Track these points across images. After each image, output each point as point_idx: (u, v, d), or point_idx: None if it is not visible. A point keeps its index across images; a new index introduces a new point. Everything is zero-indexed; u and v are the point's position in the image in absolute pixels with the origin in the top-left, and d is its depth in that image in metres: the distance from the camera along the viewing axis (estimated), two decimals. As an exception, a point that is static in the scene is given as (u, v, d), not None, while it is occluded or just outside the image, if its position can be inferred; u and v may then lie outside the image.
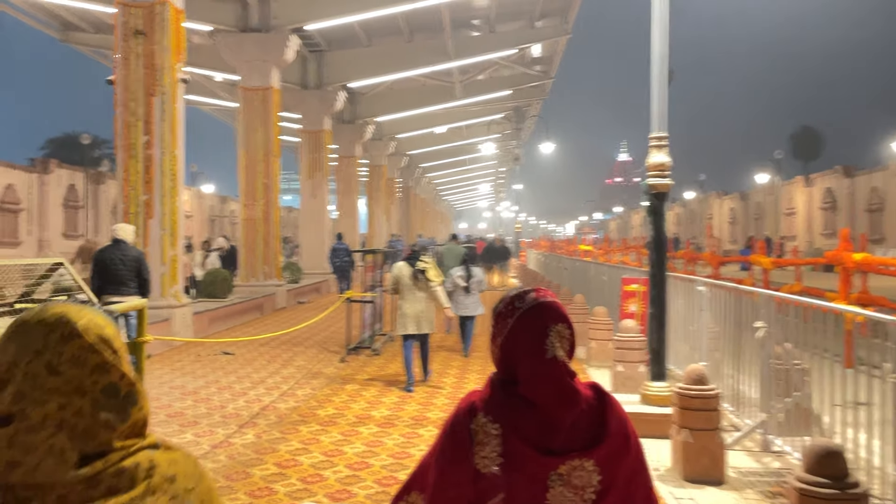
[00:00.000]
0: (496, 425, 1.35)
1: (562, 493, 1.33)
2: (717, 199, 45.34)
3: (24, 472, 0.93)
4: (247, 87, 15.57)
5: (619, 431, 1.38)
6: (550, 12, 20.36)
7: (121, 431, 0.98)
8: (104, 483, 0.95)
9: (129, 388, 1.01)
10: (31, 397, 0.94)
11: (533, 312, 1.40)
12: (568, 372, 1.37)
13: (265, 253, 15.58)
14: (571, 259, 17.54)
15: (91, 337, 0.99)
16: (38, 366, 0.95)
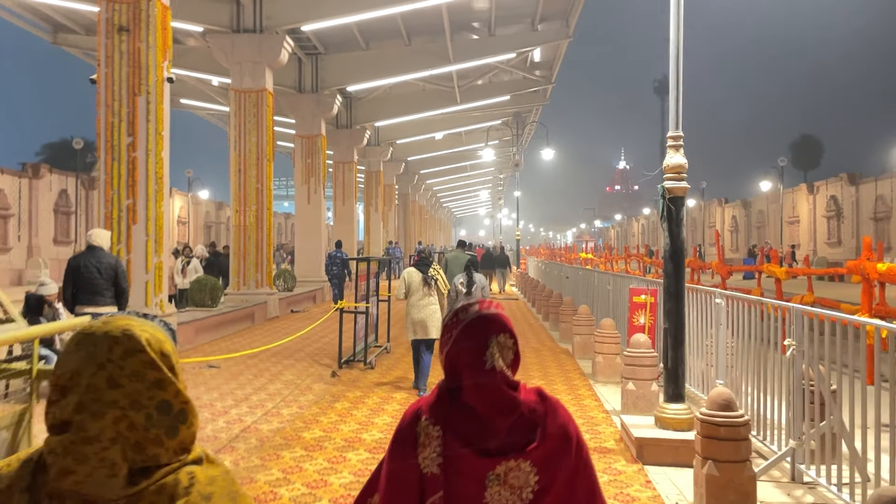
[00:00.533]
0: (437, 428, 1.43)
1: (499, 492, 1.40)
2: (719, 207, 44.91)
3: (74, 481, 0.96)
4: (239, 89, 15.09)
5: (558, 434, 1.45)
6: (552, 15, 19.94)
7: (168, 447, 1.02)
8: (146, 500, 0.98)
9: (182, 406, 1.04)
10: (90, 409, 0.97)
11: (475, 324, 1.47)
12: (506, 381, 1.44)
13: (257, 260, 15.08)
14: (573, 267, 17.03)
15: (153, 352, 1.02)
16: (101, 378, 0.98)
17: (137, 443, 0.99)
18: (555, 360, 10.15)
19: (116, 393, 0.98)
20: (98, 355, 0.99)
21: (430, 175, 46.82)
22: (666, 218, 5.73)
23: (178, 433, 1.02)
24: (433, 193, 59.48)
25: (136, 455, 0.99)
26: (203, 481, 1.03)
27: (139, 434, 0.99)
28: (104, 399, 0.98)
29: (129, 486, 0.97)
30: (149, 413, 1.00)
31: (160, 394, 1.01)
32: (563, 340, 12.15)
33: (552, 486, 1.43)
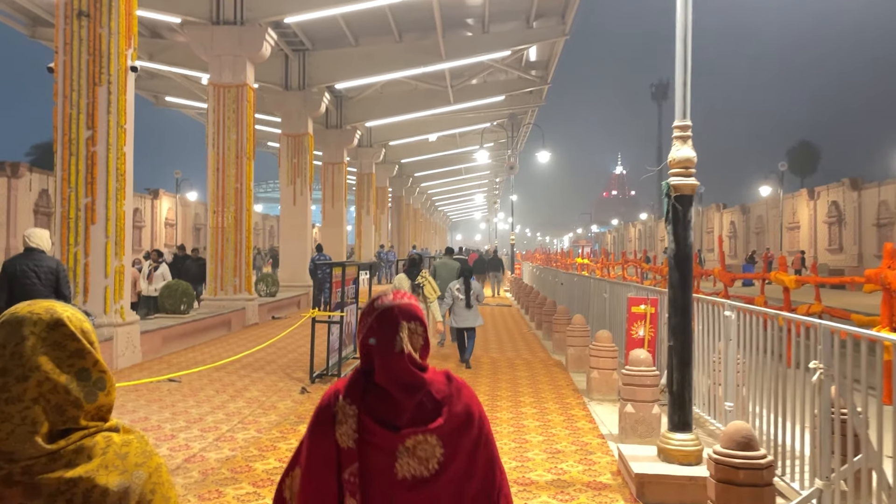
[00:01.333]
0: (353, 407, 1.59)
1: (408, 463, 1.57)
2: (717, 212, 44.25)
3: None
4: (218, 84, 14.35)
5: (462, 411, 1.63)
6: (547, 12, 19.25)
7: (87, 411, 1.14)
8: (65, 458, 1.10)
9: (100, 375, 1.17)
10: (14, 373, 1.09)
11: (387, 312, 1.62)
12: (415, 363, 1.60)
13: (235, 263, 14.32)
14: (568, 273, 16.30)
15: (73, 327, 1.16)
16: (26, 346, 1.11)
17: (58, 405, 1.11)
18: (547, 375, 9.41)
19: (40, 359, 1.11)
20: (24, 328, 1.12)
21: (424, 178, 46.11)
22: (671, 220, 5.00)
23: (97, 398, 1.16)
24: (428, 197, 58.76)
25: (57, 417, 1.11)
26: (119, 443, 1.16)
27: (60, 397, 1.11)
28: (28, 364, 1.10)
29: (49, 444, 1.10)
30: (69, 377, 1.13)
31: (80, 362, 1.15)
32: (557, 352, 11.42)
33: (455, 457, 1.60)
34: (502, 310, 19.75)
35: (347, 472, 1.57)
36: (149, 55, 19.29)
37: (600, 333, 8.22)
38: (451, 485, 1.60)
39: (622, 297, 10.03)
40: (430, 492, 1.58)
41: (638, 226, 67.03)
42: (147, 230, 34.86)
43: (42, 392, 1.10)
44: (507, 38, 19.71)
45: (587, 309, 12.73)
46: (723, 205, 44.11)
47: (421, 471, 1.57)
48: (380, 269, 31.70)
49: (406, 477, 1.56)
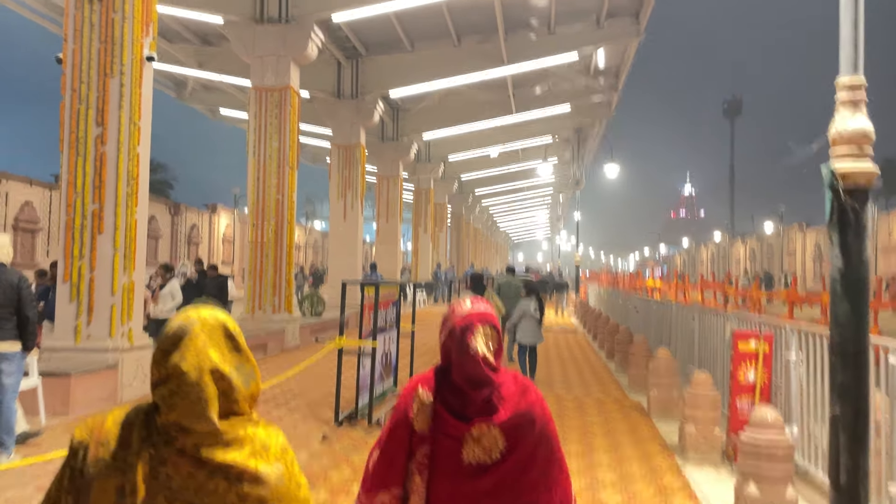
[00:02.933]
0: (430, 397, 1.85)
1: (473, 450, 1.80)
2: (800, 233, 41.11)
3: (178, 413, 1.33)
4: (260, 87, 13.30)
5: (525, 410, 1.84)
6: (620, 11, 17.59)
7: (245, 397, 1.40)
8: (224, 441, 1.35)
9: (251, 367, 1.44)
10: (191, 362, 1.34)
11: (466, 317, 1.87)
12: (487, 364, 1.81)
13: (275, 281, 13.14)
14: (644, 299, 14.46)
15: (231, 328, 1.43)
16: (199, 341, 1.37)
17: (224, 390, 1.37)
18: (625, 421, 7.71)
19: (210, 352, 1.37)
20: (195, 327, 1.38)
21: (485, 195, 44.67)
22: (838, 224, 3.32)
23: (251, 385, 1.42)
24: (489, 216, 57.30)
25: (223, 400, 1.37)
26: (263, 436, 1.40)
27: (225, 384, 1.37)
28: (202, 354, 1.36)
29: (219, 424, 1.35)
30: (231, 367, 1.39)
31: (237, 356, 1.41)
32: (635, 390, 9.69)
33: (516, 450, 1.81)
34: (567, 336, 17.99)
35: (420, 453, 1.83)
36: (198, 63, 18.62)
37: (698, 377, 6.50)
38: (510, 474, 1.81)
39: (717, 329, 8.27)
40: (490, 478, 1.80)
41: (711, 247, 63.66)
42: (204, 246, 34.55)
43: (213, 379, 1.36)
44: (574, 40, 18.14)
45: (669, 340, 10.94)
46: (805, 224, 40.96)
47: (484, 458, 1.80)
48: (437, 288, 30.34)
49: (471, 463, 1.80)
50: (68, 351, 7.97)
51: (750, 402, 6.45)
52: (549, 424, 1.88)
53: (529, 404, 1.85)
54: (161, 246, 30.55)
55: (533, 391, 1.89)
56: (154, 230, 29.72)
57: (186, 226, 32.71)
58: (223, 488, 1.32)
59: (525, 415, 1.82)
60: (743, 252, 52.15)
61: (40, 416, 6.80)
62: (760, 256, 47.58)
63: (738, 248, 54.12)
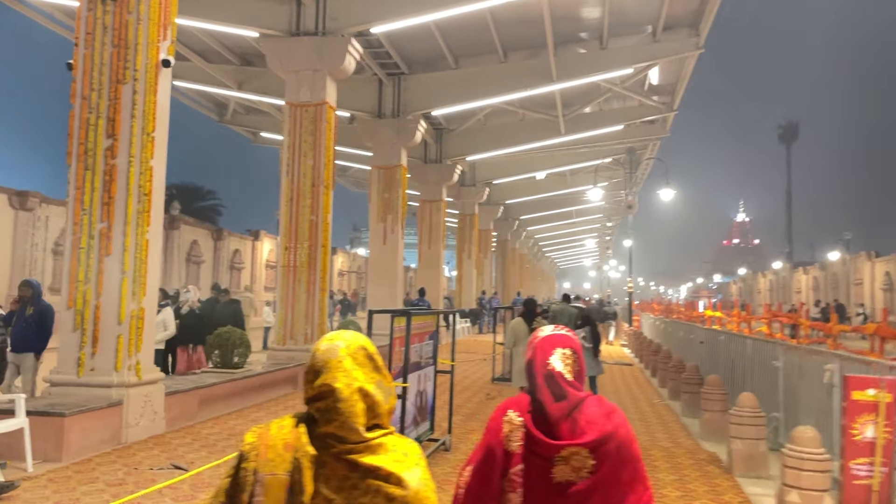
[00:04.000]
0: (520, 419, 1.96)
1: (563, 470, 1.91)
2: (868, 262, 38.66)
3: (335, 426, 1.54)
4: (295, 103, 12.59)
5: (611, 431, 1.94)
6: (677, 22, 16.51)
7: (384, 410, 1.60)
8: (371, 448, 1.55)
9: (389, 385, 1.66)
10: (342, 381, 1.56)
11: (546, 340, 2.03)
12: (567, 382, 1.96)
13: (307, 308, 12.26)
14: (711, 330, 13.11)
15: (371, 350, 1.66)
16: (347, 362, 1.58)
17: (369, 405, 1.57)
18: (704, 482, 6.47)
19: (356, 373, 1.58)
20: (342, 350, 1.60)
21: (531, 221, 43.50)
22: None
23: (389, 401, 1.62)
24: (535, 241, 56.01)
25: (369, 414, 1.57)
26: (401, 445, 1.59)
27: (370, 400, 1.57)
28: (351, 375, 1.57)
29: (367, 433, 1.56)
30: (373, 385, 1.59)
31: (377, 375, 1.62)
32: (708, 438, 8.41)
33: (603, 469, 1.91)
34: (622, 370, 16.65)
35: (512, 471, 1.93)
36: (238, 84, 18.17)
37: (801, 432, 5.28)
38: (598, 492, 1.91)
39: (810, 371, 7.01)
40: (580, 496, 1.91)
41: (769, 276, 60.85)
42: (247, 272, 34.22)
43: (360, 396, 1.56)
44: (628, 55, 17.09)
45: (744, 380, 9.64)
46: (875, 253, 38.49)
47: (574, 477, 1.90)
48: (481, 316, 29.22)
49: (561, 482, 1.91)
50: (70, 385, 7.18)
51: (869, 466, 5.21)
52: (634, 445, 2.00)
53: (615, 426, 1.96)
54: (203, 271, 30.27)
55: (618, 414, 2.01)
56: (196, 255, 29.46)
57: (229, 251, 32.43)
58: (374, 488, 1.53)
59: (611, 436, 1.93)
60: (805, 281, 49.53)
61: (26, 463, 5.96)
62: (824, 286, 45.00)
63: (799, 277, 51.48)
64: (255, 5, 12.94)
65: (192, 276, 29.24)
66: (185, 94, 21.32)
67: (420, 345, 6.79)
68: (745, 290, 67.89)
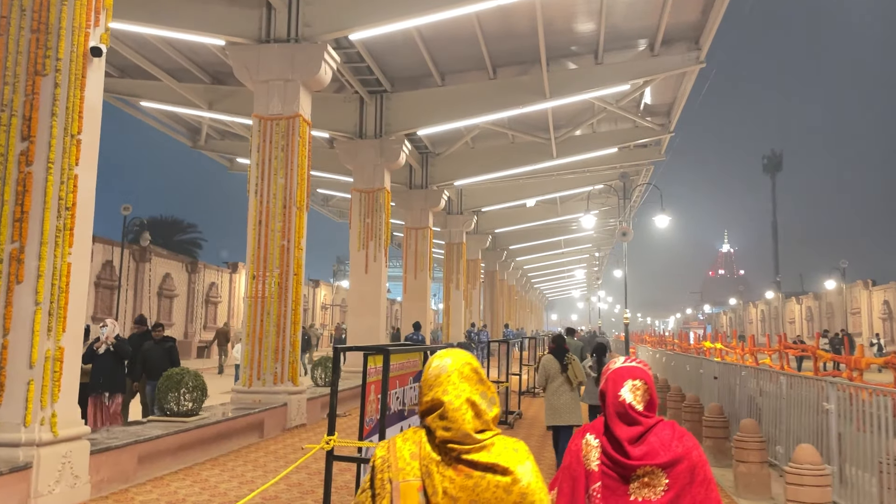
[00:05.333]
0: (597, 440, 2.17)
1: (639, 488, 2.08)
2: (865, 290, 37.75)
3: (452, 432, 1.76)
4: (264, 116, 11.37)
5: (682, 453, 2.10)
6: (676, 36, 15.56)
7: (490, 417, 1.80)
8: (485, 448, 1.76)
9: (493, 394, 1.85)
10: (452, 393, 1.78)
11: (618, 372, 2.21)
12: (637, 412, 2.13)
13: (277, 344, 10.87)
14: (733, 366, 11.82)
15: (475, 364, 1.86)
16: (455, 377, 1.81)
17: (477, 413, 1.78)
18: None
19: (464, 385, 1.80)
20: (450, 367, 1.83)
21: (520, 251, 42.38)
22: None
23: (494, 409, 1.82)
24: (524, 272, 54.84)
25: (477, 420, 1.78)
26: (511, 444, 1.80)
27: (477, 407, 1.78)
28: (458, 387, 1.79)
29: (478, 436, 1.76)
30: (479, 396, 1.80)
31: (482, 386, 1.83)
32: (746, 494, 7.09)
33: (675, 487, 2.08)
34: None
35: (592, 488, 2.12)
36: (208, 103, 16.97)
37: None
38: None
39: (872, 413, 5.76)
40: None
41: (760, 306, 59.92)
42: (224, 305, 32.68)
43: (469, 404, 1.78)
44: (625, 70, 16.08)
45: (776, 424, 8.38)
46: (871, 281, 37.59)
47: (650, 496, 2.08)
48: (470, 350, 27.79)
49: (638, 499, 2.08)
50: (-35, 445, 5.75)
51: None
52: (706, 468, 2.14)
53: (687, 449, 2.11)
54: (177, 305, 28.72)
55: (690, 438, 2.16)
56: (168, 289, 27.94)
57: (205, 284, 30.94)
58: (494, 483, 1.73)
59: (683, 457, 2.09)
60: (798, 312, 48.56)
61: None
62: (819, 316, 44.02)
63: (792, 307, 50.52)
64: (222, 11, 11.79)
65: (164, 312, 27.67)
66: (156, 118, 20.14)
67: (402, 389, 5.46)
68: (735, 321, 66.88)
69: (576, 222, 34.34)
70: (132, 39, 14.94)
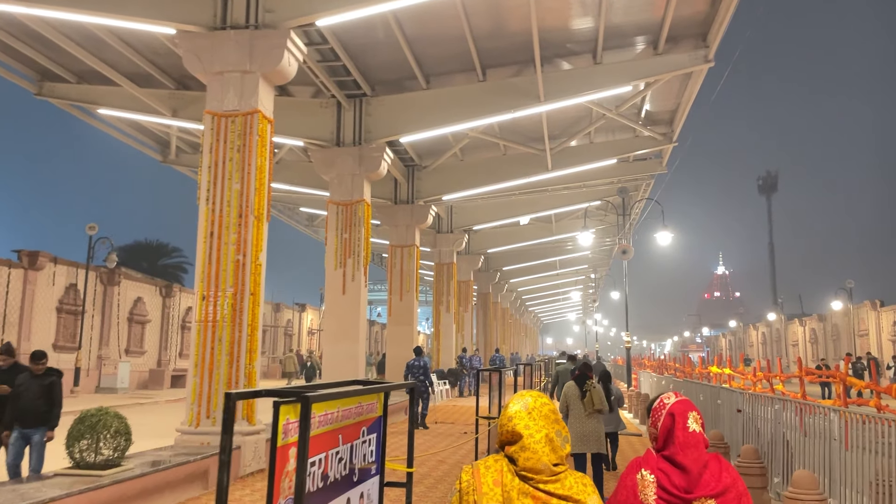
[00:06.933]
0: (652, 476, 2.26)
1: None
2: (873, 311, 36.33)
3: (532, 462, 2.02)
4: (217, 112, 9.89)
5: (730, 483, 2.22)
6: (682, 32, 14.23)
7: (563, 453, 2.05)
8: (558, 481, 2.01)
9: (566, 433, 2.10)
10: (531, 428, 2.04)
11: (679, 405, 2.37)
12: (703, 440, 2.30)
13: (230, 376, 9.29)
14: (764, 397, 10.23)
15: (552, 405, 2.13)
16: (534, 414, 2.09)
17: (552, 448, 2.03)
18: None
19: (542, 421, 2.06)
20: (531, 404, 2.11)
21: (514, 273, 40.89)
22: None
23: (566, 447, 2.07)
24: (518, 295, 53.29)
25: (552, 454, 2.03)
26: (580, 478, 2.05)
27: (553, 443, 2.04)
28: (539, 423, 2.06)
29: (554, 468, 2.03)
30: (554, 433, 2.06)
31: (556, 425, 2.08)
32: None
33: None
34: (631, 441, 13.69)
35: None
36: (172, 110, 15.52)
37: None
38: None
39: None
40: None
41: (761, 328, 58.42)
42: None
43: (545, 439, 2.04)
44: (626, 70, 14.72)
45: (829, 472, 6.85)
46: (880, 302, 36.18)
47: None
48: (462, 377, 26.14)
49: None
50: None
51: None
52: (749, 497, 2.27)
53: (734, 479, 2.24)
54: (149, 331, 27.01)
55: (732, 468, 2.30)
56: (140, 314, 26.26)
57: (181, 309, 29.27)
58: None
59: (732, 487, 2.22)
60: (802, 334, 47.08)
61: None
62: (824, 339, 42.54)
63: (794, 329, 49.04)
64: None
65: (136, 339, 25.97)
66: (123, 130, 18.70)
67: (350, 445, 3.90)
68: (735, 343, 65.34)
69: (571, 242, 32.97)
70: (90, 41, 13.57)
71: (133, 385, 24.89)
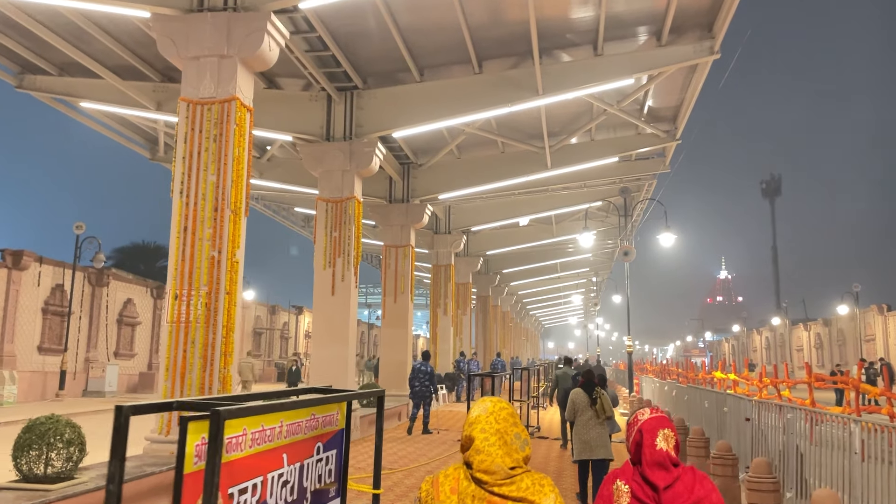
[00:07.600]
0: (627, 487, 2.34)
1: None
2: (880, 315, 35.62)
3: (486, 464, 2.05)
4: (192, 99, 9.30)
5: (705, 495, 2.28)
6: (686, 23, 13.64)
7: (520, 455, 2.09)
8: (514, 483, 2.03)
9: (526, 436, 2.13)
10: (487, 431, 2.09)
11: (649, 422, 2.42)
12: (669, 457, 2.35)
13: (203, 381, 8.68)
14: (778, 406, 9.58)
15: (511, 409, 2.17)
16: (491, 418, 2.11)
17: (508, 451, 2.07)
18: None
19: (498, 424, 2.10)
20: (489, 408, 2.15)
21: (514, 275, 40.24)
22: None
23: (525, 450, 2.10)
24: (518, 298, 52.62)
25: (508, 456, 2.06)
26: (537, 479, 2.07)
27: (509, 446, 2.07)
28: (492, 428, 2.09)
29: (510, 471, 2.05)
30: (513, 436, 2.09)
31: (514, 428, 2.12)
32: None
33: None
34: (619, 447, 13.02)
35: None
36: (156, 104, 14.93)
37: None
38: None
39: None
40: None
41: (765, 333, 57.68)
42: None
43: (501, 442, 2.06)
44: (628, 62, 14.10)
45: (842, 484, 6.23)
46: (887, 306, 35.47)
47: None
48: (459, 382, 25.51)
49: None
50: None
51: None
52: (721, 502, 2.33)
53: (708, 492, 2.30)
54: (139, 334, 26.40)
55: (708, 480, 2.34)
56: (130, 315, 25.65)
57: (173, 311, 28.67)
58: None
59: (704, 499, 2.27)
60: (806, 339, 46.36)
61: None
62: (829, 344, 41.82)
63: (799, 334, 48.33)
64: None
65: (125, 341, 25.37)
66: (111, 127, 18.14)
67: (296, 466, 3.31)
68: (739, 348, 64.58)
69: (572, 244, 32.33)
70: (71, 31, 13.03)
71: (122, 388, 24.29)
